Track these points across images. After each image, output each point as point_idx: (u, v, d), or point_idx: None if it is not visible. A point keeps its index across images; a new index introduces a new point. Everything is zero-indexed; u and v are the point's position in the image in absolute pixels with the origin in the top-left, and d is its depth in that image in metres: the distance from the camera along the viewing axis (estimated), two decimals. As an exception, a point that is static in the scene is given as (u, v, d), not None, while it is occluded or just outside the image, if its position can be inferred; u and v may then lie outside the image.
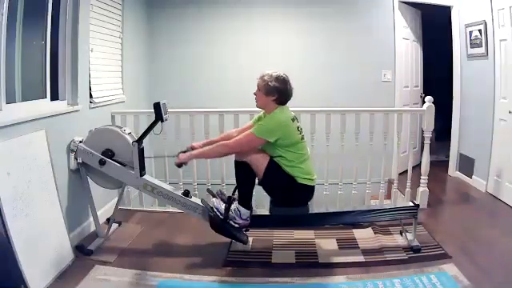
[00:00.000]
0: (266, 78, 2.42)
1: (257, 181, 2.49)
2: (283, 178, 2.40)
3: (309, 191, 2.48)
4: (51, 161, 2.48)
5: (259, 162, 2.39)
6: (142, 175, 2.64)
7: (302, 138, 2.48)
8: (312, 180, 2.47)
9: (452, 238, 2.82)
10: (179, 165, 2.53)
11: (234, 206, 2.48)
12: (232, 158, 2.51)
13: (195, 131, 3.38)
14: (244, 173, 2.45)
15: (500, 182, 3.64)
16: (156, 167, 3.45)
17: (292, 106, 3.46)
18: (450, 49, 4.49)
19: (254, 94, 2.49)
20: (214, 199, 2.57)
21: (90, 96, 3.11)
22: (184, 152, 2.58)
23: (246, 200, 2.48)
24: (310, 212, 2.65)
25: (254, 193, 2.55)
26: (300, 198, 2.52)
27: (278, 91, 2.40)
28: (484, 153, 3.89)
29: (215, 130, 3.35)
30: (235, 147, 2.42)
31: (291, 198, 2.50)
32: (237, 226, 2.47)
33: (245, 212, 2.46)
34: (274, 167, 2.40)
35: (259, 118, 2.60)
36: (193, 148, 2.64)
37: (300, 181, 2.41)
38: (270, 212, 2.64)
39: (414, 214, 2.62)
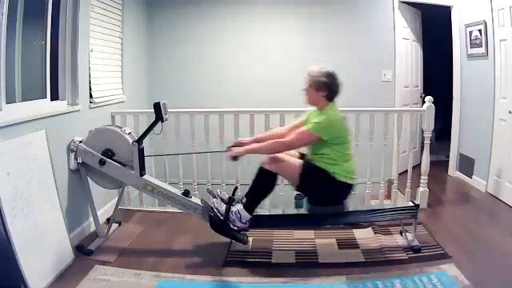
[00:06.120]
0: (315, 73, 2.44)
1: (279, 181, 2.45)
2: (321, 176, 2.41)
3: (347, 189, 2.50)
4: (51, 161, 2.48)
5: (292, 169, 2.41)
6: (141, 175, 2.64)
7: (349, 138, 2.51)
8: (352, 178, 2.48)
9: (452, 238, 2.82)
10: (235, 158, 2.48)
11: (235, 208, 2.48)
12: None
13: (195, 131, 3.39)
14: (267, 182, 2.45)
15: (500, 182, 3.64)
16: (156, 167, 3.45)
17: (292, 106, 3.48)
18: (450, 49, 4.49)
19: (305, 89, 2.49)
20: (214, 200, 2.57)
21: (90, 96, 3.11)
22: (233, 147, 2.56)
23: (253, 206, 2.48)
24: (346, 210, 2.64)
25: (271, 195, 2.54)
26: (338, 196, 2.53)
27: (328, 87, 2.43)
28: (484, 153, 3.88)
29: (215, 129, 3.35)
30: (291, 144, 2.42)
31: (329, 196, 2.51)
32: (235, 228, 2.47)
33: (246, 216, 2.45)
34: (309, 168, 2.42)
35: (310, 116, 2.59)
36: (241, 143, 2.61)
37: (339, 178, 2.42)
38: (308, 211, 2.64)
39: (414, 214, 2.62)
